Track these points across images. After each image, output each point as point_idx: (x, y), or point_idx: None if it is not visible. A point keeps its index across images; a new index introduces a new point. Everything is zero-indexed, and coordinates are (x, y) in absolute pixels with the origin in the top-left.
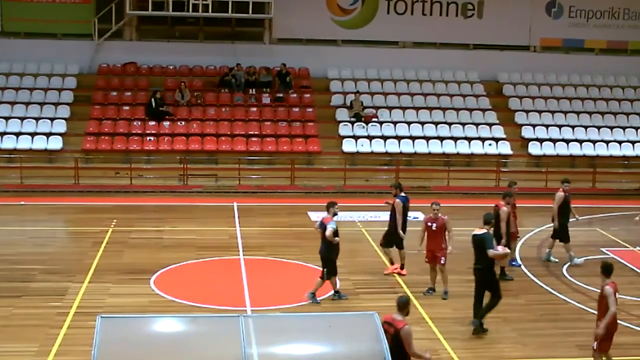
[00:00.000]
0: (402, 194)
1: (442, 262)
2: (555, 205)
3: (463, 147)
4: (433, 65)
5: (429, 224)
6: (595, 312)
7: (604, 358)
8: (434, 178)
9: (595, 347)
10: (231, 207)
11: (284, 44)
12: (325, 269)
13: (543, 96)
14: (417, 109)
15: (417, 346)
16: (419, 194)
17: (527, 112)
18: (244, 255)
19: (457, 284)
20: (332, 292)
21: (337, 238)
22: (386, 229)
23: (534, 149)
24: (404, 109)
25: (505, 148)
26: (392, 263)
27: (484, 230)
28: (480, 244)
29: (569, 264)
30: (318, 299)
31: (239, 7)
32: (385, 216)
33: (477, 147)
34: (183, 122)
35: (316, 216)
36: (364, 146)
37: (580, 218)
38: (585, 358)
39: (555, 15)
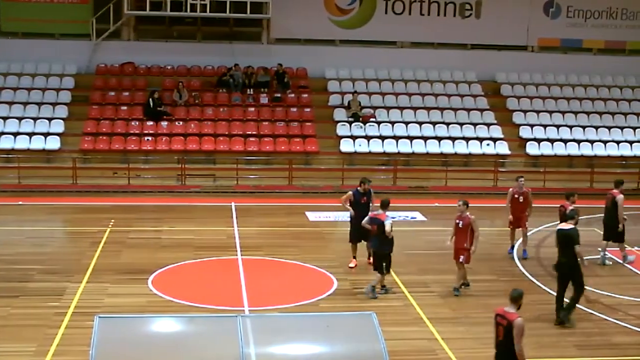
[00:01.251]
0: (357, 188)
1: (460, 260)
2: (620, 207)
3: (461, 147)
4: (431, 65)
5: (457, 221)
6: (593, 312)
7: None
8: (432, 178)
9: None
10: (229, 207)
11: (282, 44)
12: (384, 264)
13: (541, 96)
14: (415, 109)
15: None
16: (416, 194)
17: (525, 112)
18: (241, 255)
19: (455, 284)
20: (372, 287)
21: (391, 233)
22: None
23: (532, 149)
24: (401, 109)
25: (503, 148)
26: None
27: (571, 226)
28: (567, 239)
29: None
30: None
31: (236, 7)
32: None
33: (474, 147)
34: (181, 122)
35: (314, 216)
36: (361, 146)
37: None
38: (584, 358)
39: (553, 15)
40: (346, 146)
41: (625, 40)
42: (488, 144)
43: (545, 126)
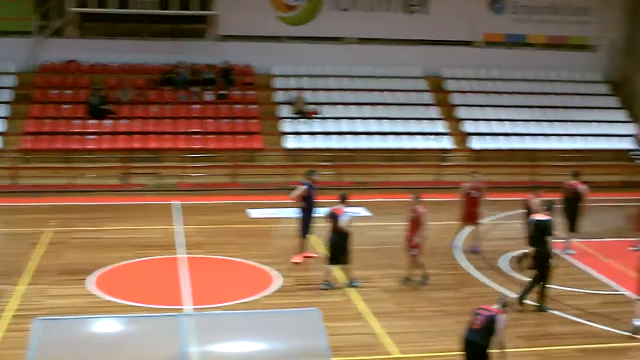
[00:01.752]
0: (309, 182)
1: (412, 253)
2: (585, 197)
3: (405, 142)
4: (377, 61)
5: (411, 214)
6: (533, 303)
7: None
8: (376, 173)
9: None
10: (173, 206)
11: (228, 41)
12: (339, 257)
13: (485, 91)
14: (360, 104)
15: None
16: (361, 190)
17: (469, 106)
18: (185, 253)
19: (398, 278)
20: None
21: (350, 228)
22: None
23: (475, 143)
24: (347, 105)
25: (446, 143)
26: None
27: (547, 217)
28: (542, 229)
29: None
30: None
31: (182, 4)
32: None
33: (419, 142)
34: (125, 121)
35: (259, 213)
36: (306, 142)
37: (519, 211)
38: (527, 349)
39: (498, 11)
40: (291, 143)
41: (568, 35)
42: (432, 139)
43: (488, 120)
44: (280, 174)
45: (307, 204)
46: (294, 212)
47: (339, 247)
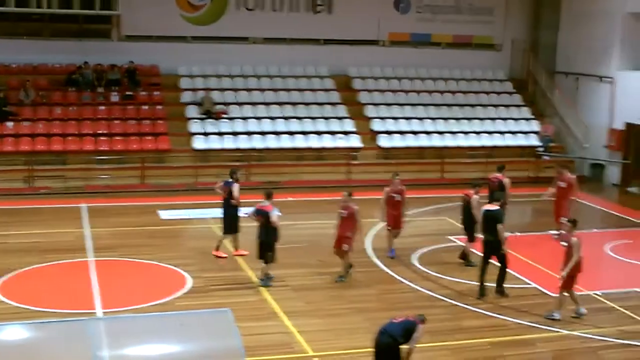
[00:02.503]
0: (229, 179)
1: (344, 248)
2: (508, 189)
3: (314, 142)
4: (283, 60)
5: (341, 211)
6: (444, 299)
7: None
8: (286, 173)
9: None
10: (80, 208)
11: (133, 41)
12: (268, 253)
13: (392, 89)
14: (268, 104)
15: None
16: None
17: (377, 105)
18: (95, 256)
19: (309, 277)
20: (266, 275)
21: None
22: None
23: (384, 141)
24: (254, 104)
25: (355, 141)
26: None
27: (497, 207)
28: (493, 218)
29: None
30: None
31: (85, 3)
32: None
33: (327, 141)
34: (28, 122)
35: (167, 214)
36: (215, 143)
37: (429, 208)
38: (439, 343)
39: (403, 10)
40: (199, 143)
41: (472, 34)
42: (341, 138)
43: (396, 119)
44: (189, 175)
45: (230, 202)
46: (206, 213)
47: (268, 244)
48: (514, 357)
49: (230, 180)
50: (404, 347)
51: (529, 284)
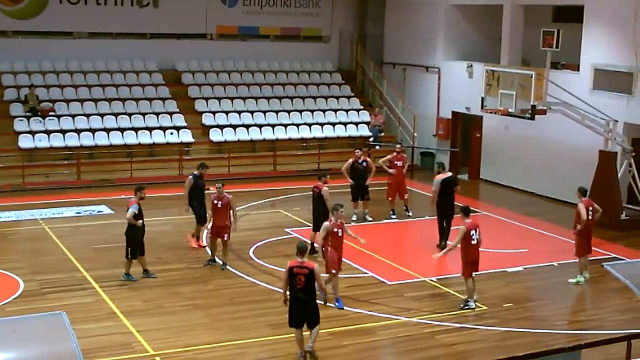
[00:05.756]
0: (195, 172)
1: (225, 238)
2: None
3: (145, 138)
4: (110, 55)
5: (215, 202)
6: (281, 290)
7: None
8: (117, 170)
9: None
10: None
11: None
12: (129, 249)
13: (222, 83)
14: (97, 100)
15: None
16: (102, 187)
17: (207, 99)
18: None
19: (149, 274)
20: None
21: (140, 221)
22: None
23: (215, 135)
24: (82, 101)
25: (187, 136)
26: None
27: (450, 174)
28: (451, 183)
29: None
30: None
31: None
32: (67, 212)
33: (158, 137)
34: None
35: None
36: (42, 141)
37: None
38: (279, 337)
39: (230, 3)
40: (25, 142)
41: (300, 26)
42: (172, 133)
43: (227, 112)
44: (16, 175)
45: (196, 194)
46: (36, 213)
47: (129, 239)
48: (354, 346)
49: (196, 173)
50: None
51: (365, 272)
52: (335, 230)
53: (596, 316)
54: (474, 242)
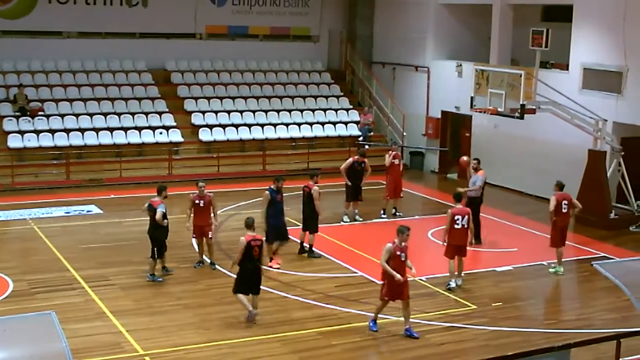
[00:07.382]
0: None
1: (209, 236)
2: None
3: (134, 137)
4: (100, 55)
5: (197, 202)
6: (273, 291)
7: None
8: (106, 170)
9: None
10: None
11: None
12: (155, 248)
13: (211, 83)
14: (86, 100)
15: None
16: (91, 187)
17: (196, 99)
18: None
19: (136, 275)
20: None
21: (166, 220)
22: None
23: (205, 135)
24: (71, 100)
25: (176, 136)
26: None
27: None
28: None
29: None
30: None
31: None
32: (57, 212)
33: (148, 137)
34: None
35: None
36: (31, 141)
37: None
38: (269, 336)
39: (220, 3)
40: (14, 142)
41: (290, 26)
42: (161, 133)
43: (216, 112)
44: (5, 175)
45: (273, 210)
46: (25, 213)
47: (154, 239)
48: (344, 345)
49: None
50: None
51: (355, 272)
52: (399, 253)
53: (585, 315)
54: (457, 226)
